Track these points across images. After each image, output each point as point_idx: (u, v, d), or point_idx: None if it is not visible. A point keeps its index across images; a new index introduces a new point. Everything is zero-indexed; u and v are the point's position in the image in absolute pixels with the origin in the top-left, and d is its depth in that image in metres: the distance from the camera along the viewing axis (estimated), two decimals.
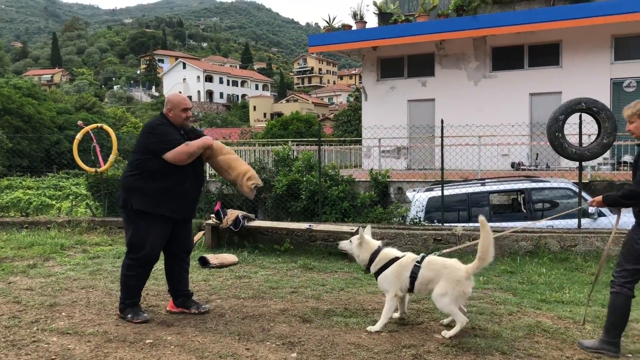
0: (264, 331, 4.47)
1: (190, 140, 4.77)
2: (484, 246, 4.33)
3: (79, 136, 9.81)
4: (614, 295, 3.98)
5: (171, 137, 4.64)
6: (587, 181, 12.07)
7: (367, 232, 4.76)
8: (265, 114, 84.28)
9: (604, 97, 15.68)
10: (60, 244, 8.09)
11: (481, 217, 4.39)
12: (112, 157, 9.72)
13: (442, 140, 9.04)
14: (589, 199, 8.98)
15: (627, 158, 14.32)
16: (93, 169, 9.84)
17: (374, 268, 4.61)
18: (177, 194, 4.67)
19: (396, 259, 4.57)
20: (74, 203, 19.21)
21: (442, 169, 9.07)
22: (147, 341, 4.22)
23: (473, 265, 4.38)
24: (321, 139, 11.91)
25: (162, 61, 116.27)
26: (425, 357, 3.93)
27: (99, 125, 10.14)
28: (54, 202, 20.49)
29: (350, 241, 4.77)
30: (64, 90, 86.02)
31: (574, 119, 7.89)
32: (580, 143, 8.02)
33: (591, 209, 8.51)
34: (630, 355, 4.00)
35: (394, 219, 10.88)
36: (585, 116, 7.89)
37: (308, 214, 11.83)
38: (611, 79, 16.49)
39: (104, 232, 9.13)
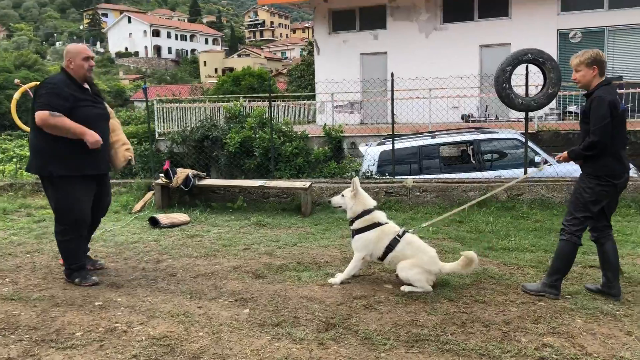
0: (216, 289, 4.46)
1: (95, 96, 4.66)
2: (469, 262, 4.31)
3: (16, 95, 9.27)
4: (563, 242, 4.12)
5: (54, 99, 4.32)
6: (534, 131, 12.39)
7: (358, 183, 4.68)
8: (216, 70, 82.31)
9: (551, 48, 15.98)
10: (2, 208, 7.79)
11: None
12: None
13: (392, 94, 9.05)
14: (536, 149, 9.29)
15: (572, 108, 14.73)
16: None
17: (355, 225, 4.57)
18: (92, 150, 4.48)
19: (379, 224, 4.54)
20: (18, 166, 18.48)
21: (392, 122, 9.11)
22: (97, 303, 4.15)
23: (450, 266, 4.41)
24: (273, 94, 11.74)
25: (106, 15, 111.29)
26: (375, 307, 4.02)
27: (38, 83, 9.65)
28: None
29: (343, 195, 4.70)
30: (1, 47, 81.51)
31: (521, 70, 8.00)
32: (527, 94, 8.15)
33: (537, 158, 8.75)
34: (569, 296, 4.19)
35: (348, 173, 10.95)
36: (532, 67, 8.01)
37: (262, 171, 11.77)
38: (558, 30, 16.77)
39: None
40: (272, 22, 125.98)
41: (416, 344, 3.42)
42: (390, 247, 4.44)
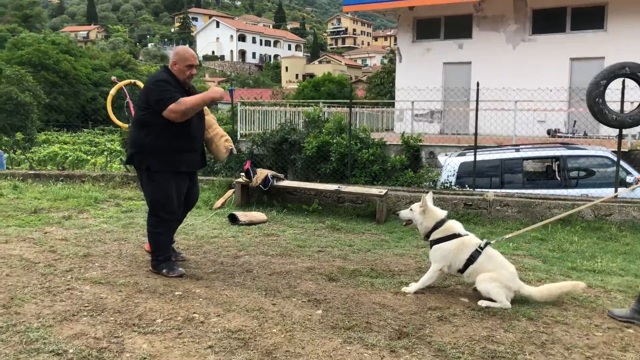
0: (291, 288, 4.51)
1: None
2: (553, 292, 4.26)
3: (112, 92, 9.86)
4: None
5: (169, 93, 4.50)
6: (627, 150, 11.70)
7: (429, 199, 4.59)
8: (297, 75, 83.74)
9: None
10: (94, 197, 8.28)
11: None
12: None
13: (477, 104, 8.83)
14: (628, 168, 8.78)
15: None
16: (127, 125, 9.91)
17: (433, 236, 4.49)
18: (189, 149, 4.71)
19: (459, 235, 4.43)
20: (108, 159, 19.62)
21: (475, 133, 8.89)
22: (177, 293, 4.31)
23: (529, 289, 4.27)
24: (352, 101, 11.77)
25: (195, 19, 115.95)
26: (450, 320, 3.92)
27: (133, 81, 10.16)
28: (89, 157, 20.95)
29: (411, 209, 4.62)
30: (100, 47, 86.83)
31: (616, 84, 7.59)
32: (622, 109, 7.73)
33: (629, 178, 8.27)
34: None
35: (425, 183, 10.79)
36: (629, 82, 7.58)
37: (337, 176, 11.82)
38: None
39: (137, 187, 9.27)
40: (354, 30, 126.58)
41: None
42: (471, 259, 4.30)
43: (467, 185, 8.90)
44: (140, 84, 10.10)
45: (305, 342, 3.49)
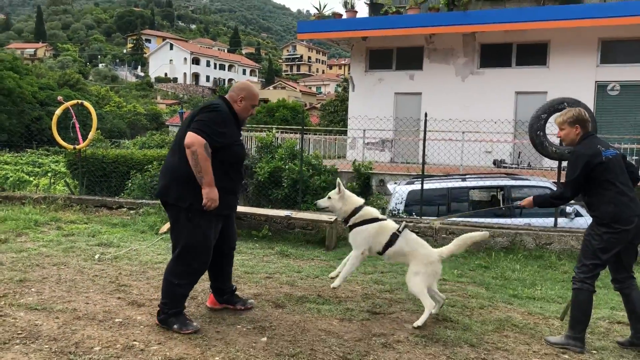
0: (236, 314, 4.45)
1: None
2: (467, 241, 4.63)
3: (58, 112, 9.65)
4: (576, 291, 4.05)
5: (217, 131, 3.91)
6: None
7: (341, 183, 4.72)
8: None
9: (589, 99, 15.82)
10: (34, 220, 7.97)
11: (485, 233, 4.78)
12: (91, 135, 9.59)
13: (424, 134, 9.06)
14: None
15: None
16: (71, 146, 9.69)
17: (353, 220, 4.61)
18: (234, 188, 4.21)
19: (377, 219, 4.61)
20: (52, 180, 18.95)
21: (422, 162, 9.10)
22: (117, 320, 4.18)
23: (448, 248, 4.61)
24: (305, 127, 11.85)
25: (149, 41, 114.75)
26: (394, 347, 3.95)
27: (80, 101, 10.00)
28: (31, 179, 20.17)
29: (329, 197, 4.70)
30: (48, 65, 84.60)
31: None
32: (562, 142, 8.07)
33: (568, 209, 8.59)
34: (595, 351, 4.06)
35: None
36: None
37: (289, 202, 11.79)
38: (596, 82, 16.62)
39: (80, 210, 9.01)
40: (309, 57, 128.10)
41: None
42: (390, 242, 4.52)
43: (414, 213, 9.04)
44: (88, 105, 9.92)
45: None
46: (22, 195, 9.62)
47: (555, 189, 8.75)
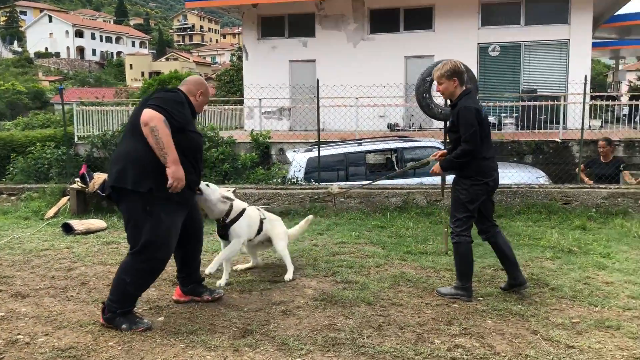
0: None
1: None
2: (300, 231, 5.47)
3: None
4: (456, 245, 4.31)
5: (176, 110, 3.69)
6: None
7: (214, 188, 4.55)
8: (143, 73, 79.91)
9: (472, 61, 16.66)
10: None
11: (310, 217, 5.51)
12: None
13: (317, 101, 9.11)
14: None
15: (491, 119, 15.35)
16: None
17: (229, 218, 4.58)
18: (193, 180, 3.86)
19: (244, 210, 4.73)
20: None
21: (318, 129, 9.18)
22: None
23: (290, 231, 5.30)
24: None
25: (24, 13, 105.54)
26: (294, 312, 4.00)
27: None
28: None
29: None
30: None
31: None
32: (446, 103, 8.43)
33: None
34: (481, 298, 4.34)
35: (275, 179, 10.90)
36: None
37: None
38: (478, 44, 17.50)
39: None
40: (201, 27, 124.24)
41: (332, 347, 3.43)
42: (260, 229, 4.86)
43: (313, 180, 9.15)
44: None
45: (145, 351, 3.34)
46: None
47: (442, 147, 9.20)
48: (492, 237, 4.39)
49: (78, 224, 6.56)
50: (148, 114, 3.53)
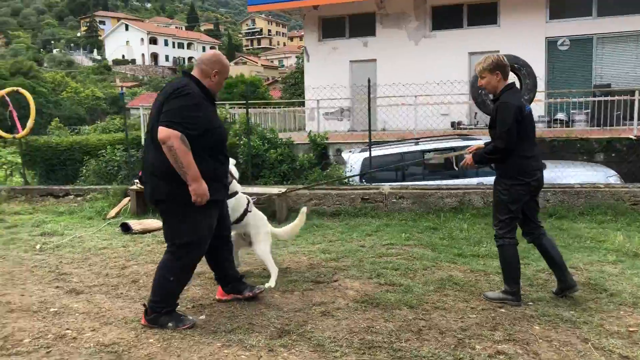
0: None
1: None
2: (294, 230, 5.23)
3: None
4: (500, 248, 4.13)
5: (190, 117, 3.57)
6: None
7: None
8: None
9: (539, 55, 16.00)
10: None
11: (303, 209, 5.30)
12: (30, 123, 9.27)
13: (369, 101, 9.02)
14: None
15: (561, 116, 14.71)
16: (11, 135, 9.40)
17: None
18: (222, 171, 3.91)
19: (237, 193, 4.71)
20: (8, 172, 18.41)
21: (369, 128, 9.10)
22: (52, 310, 4.11)
23: (278, 230, 5.19)
24: (257, 101, 11.67)
25: (103, 23, 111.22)
26: (333, 314, 3.97)
27: (15, 89, 9.66)
28: None
29: None
30: None
31: None
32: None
33: None
34: (531, 303, 4.14)
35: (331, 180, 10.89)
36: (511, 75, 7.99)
37: (246, 178, 11.70)
38: (546, 38, 16.76)
39: (25, 201, 8.77)
40: (269, 30, 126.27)
41: (368, 350, 3.37)
42: (240, 220, 4.75)
43: (363, 181, 9.06)
44: (24, 92, 9.57)
45: (182, 349, 3.41)
46: None
47: None
48: (537, 239, 4.19)
49: (136, 224, 6.81)
50: (164, 132, 3.50)
